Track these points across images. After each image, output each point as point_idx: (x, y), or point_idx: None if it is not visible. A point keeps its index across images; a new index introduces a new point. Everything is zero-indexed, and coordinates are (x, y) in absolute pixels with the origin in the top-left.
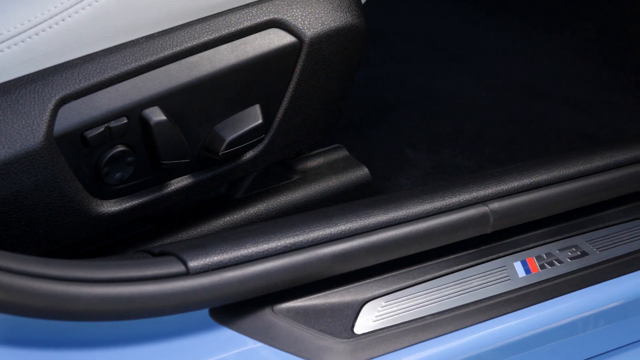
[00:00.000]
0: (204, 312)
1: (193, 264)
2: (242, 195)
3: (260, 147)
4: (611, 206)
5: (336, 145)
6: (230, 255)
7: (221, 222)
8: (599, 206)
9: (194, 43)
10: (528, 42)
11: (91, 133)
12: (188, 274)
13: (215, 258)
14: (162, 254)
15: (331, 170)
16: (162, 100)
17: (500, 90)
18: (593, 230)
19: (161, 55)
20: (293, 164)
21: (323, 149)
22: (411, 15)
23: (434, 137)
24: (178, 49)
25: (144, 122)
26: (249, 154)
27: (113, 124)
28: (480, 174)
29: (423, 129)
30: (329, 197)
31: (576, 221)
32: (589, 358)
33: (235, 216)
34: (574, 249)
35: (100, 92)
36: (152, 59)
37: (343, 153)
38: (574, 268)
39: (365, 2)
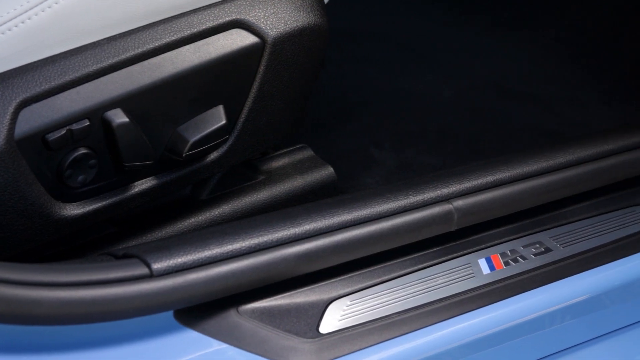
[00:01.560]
0: (168, 314)
1: (156, 266)
2: (206, 196)
3: (224, 148)
4: (574, 202)
5: (301, 145)
6: (194, 257)
7: (186, 224)
8: (562, 202)
9: (156, 44)
10: (492, 40)
11: (53, 136)
12: (152, 276)
13: (179, 260)
14: (125, 257)
15: (296, 170)
16: (124, 102)
17: (464, 88)
18: (556, 227)
19: (123, 56)
20: (258, 164)
21: (288, 149)
22: (376, 14)
23: (399, 136)
24: (140, 50)
25: (107, 124)
26: (213, 155)
27: (75, 126)
28: (444, 172)
29: (388, 128)
30: (294, 197)
31: (540, 217)
32: (556, 352)
33: (200, 217)
34: (537, 245)
35: (62, 94)
36: (114, 61)
37: (308, 153)
38: (538, 264)
39: (329, 2)
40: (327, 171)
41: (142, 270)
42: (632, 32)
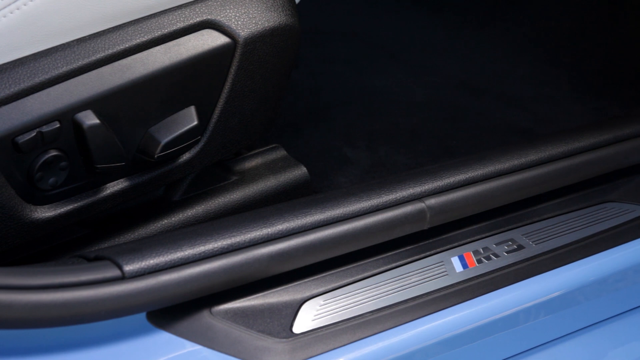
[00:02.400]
0: (141, 316)
1: (128, 267)
2: (179, 197)
3: (197, 148)
4: (546, 200)
5: (274, 145)
6: (167, 258)
7: (159, 225)
8: (535, 200)
9: (127, 45)
10: (463, 38)
11: (23, 138)
12: (123, 278)
13: (151, 261)
14: (97, 259)
15: (269, 171)
16: (95, 103)
17: (436, 87)
18: (529, 224)
19: (93, 58)
20: (231, 164)
21: (261, 149)
22: (347, 14)
23: (372, 135)
24: (110, 51)
25: (77, 126)
26: (186, 156)
27: (45, 128)
28: (417, 170)
29: (361, 127)
30: (267, 197)
31: (512, 215)
32: (530, 349)
33: (173, 219)
34: (510, 243)
35: (32, 96)
36: (84, 62)
37: (281, 153)
38: (510, 262)
39: (300, 2)
40: (300, 171)
41: (114, 272)
42: (604, 29)
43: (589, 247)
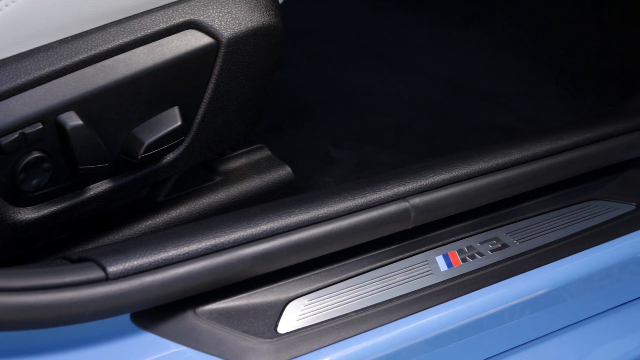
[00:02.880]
0: (125, 317)
1: (112, 269)
2: (164, 198)
3: (181, 149)
4: (530, 198)
5: (258, 145)
6: (150, 259)
7: (143, 226)
8: (519, 198)
9: (109, 46)
10: (448, 37)
11: (5, 140)
12: (107, 279)
13: (135, 262)
14: (80, 260)
15: (254, 171)
16: (78, 104)
17: (421, 86)
18: (513, 222)
19: (76, 59)
20: (215, 165)
21: (245, 150)
22: (331, 13)
23: (357, 134)
24: (93, 52)
25: (60, 127)
26: (169, 157)
27: (28, 130)
28: (401, 169)
29: (345, 127)
30: (252, 197)
31: (496, 214)
32: (516, 347)
33: (157, 220)
34: (494, 242)
35: (14, 97)
36: (67, 63)
37: (265, 153)
38: (495, 260)
39: (284, 1)
40: (285, 171)
41: (98, 273)
42: (588, 28)
43: (573, 245)
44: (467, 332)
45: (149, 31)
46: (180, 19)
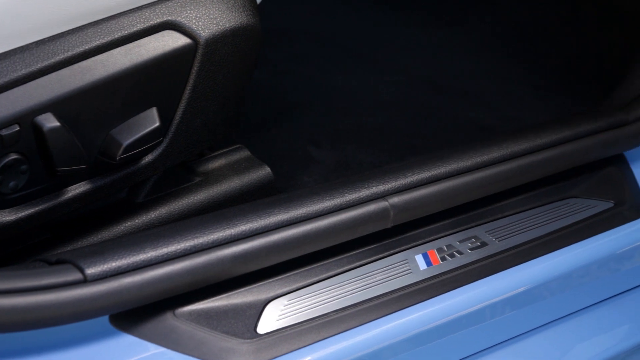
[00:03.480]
0: (104, 319)
1: (90, 271)
2: (143, 199)
3: (159, 150)
4: (509, 196)
5: (238, 145)
6: (129, 261)
7: (122, 228)
8: (498, 197)
9: (86, 47)
10: (427, 36)
11: None
12: (85, 281)
13: (113, 264)
14: (58, 262)
15: (233, 171)
16: (55, 106)
17: (400, 85)
18: (492, 221)
19: (52, 60)
20: (194, 165)
21: (224, 150)
22: (310, 13)
23: (337, 134)
24: (70, 53)
25: (37, 129)
26: (148, 158)
27: (4, 132)
28: (380, 169)
29: (325, 127)
30: (231, 198)
31: (475, 212)
32: (498, 344)
33: (136, 221)
34: (473, 240)
35: None
36: (44, 65)
37: (245, 153)
38: (474, 258)
39: (262, 2)
40: (264, 171)
41: (76, 275)
42: (566, 27)
43: (552, 243)
44: (447, 331)
45: (126, 32)
46: (158, 20)
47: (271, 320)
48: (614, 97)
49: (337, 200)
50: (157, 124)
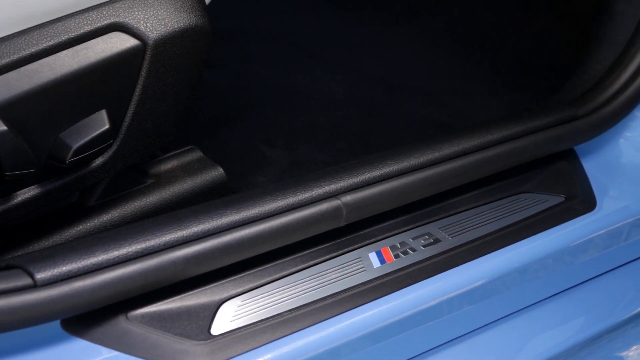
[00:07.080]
0: (55, 324)
1: (40, 275)
2: (95, 202)
3: (110, 152)
4: (461, 193)
5: (190, 147)
6: (80, 265)
7: (74, 231)
8: (450, 193)
9: (33, 50)
10: (379, 34)
11: None
12: (35, 286)
13: (64, 268)
14: (7, 268)
15: (185, 173)
16: (2, 110)
17: (353, 84)
18: (445, 217)
19: None
20: (147, 167)
21: (177, 151)
22: (263, 13)
23: (290, 133)
24: (16, 56)
25: None
26: (98, 161)
27: None
28: (333, 168)
29: (279, 126)
30: (184, 199)
31: (428, 209)
32: (454, 339)
33: (88, 224)
34: (427, 237)
35: None
36: None
37: (197, 154)
38: (427, 255)
39: (212, 2)
40: (217, 172)
41: (25, 280)
42: (517, 24)
43: (504, 238)
44: (402, 328)
45: (73, 34)
46: (105, 22)
47: (225, 321)
48: (563, 93)
49: (290, 200)
50: (107, 127)
